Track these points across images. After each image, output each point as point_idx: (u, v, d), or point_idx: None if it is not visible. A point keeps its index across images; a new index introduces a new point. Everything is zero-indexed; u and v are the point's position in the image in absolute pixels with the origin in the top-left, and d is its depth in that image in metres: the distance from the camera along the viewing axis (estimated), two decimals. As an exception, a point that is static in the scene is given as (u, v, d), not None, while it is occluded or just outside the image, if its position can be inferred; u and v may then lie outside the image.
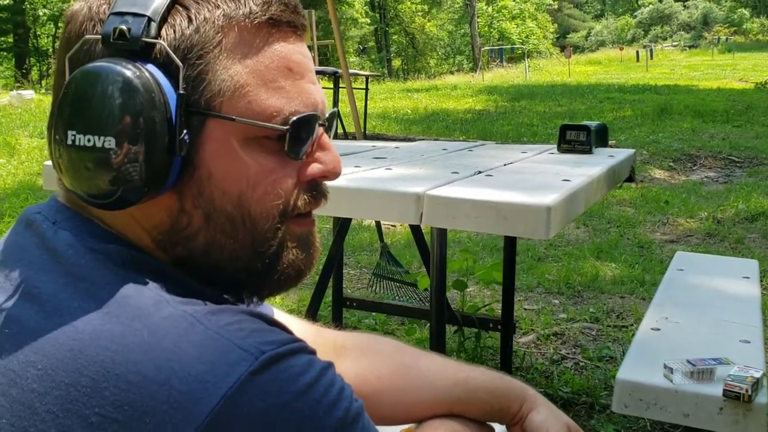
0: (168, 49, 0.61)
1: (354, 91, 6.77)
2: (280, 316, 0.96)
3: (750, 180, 6.92)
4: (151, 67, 0.60)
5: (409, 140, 3.88)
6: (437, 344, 1.90)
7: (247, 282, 0.68)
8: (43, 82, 16.77)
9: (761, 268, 3.37)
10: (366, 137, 7.13)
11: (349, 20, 31.64)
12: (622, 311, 3.47)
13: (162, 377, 0.53)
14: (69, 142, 0.59)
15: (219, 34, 0.62)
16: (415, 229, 3.06)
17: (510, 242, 2.62)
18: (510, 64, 27.54)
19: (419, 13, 37.45)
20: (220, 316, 0.58)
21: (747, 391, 1.51)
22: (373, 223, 4.15)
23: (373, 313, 3.31)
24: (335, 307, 2.94)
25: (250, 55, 0.64)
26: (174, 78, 0.61)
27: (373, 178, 1.91)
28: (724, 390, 1.53)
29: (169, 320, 0.57)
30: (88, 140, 0.59)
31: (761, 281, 2.96)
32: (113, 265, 0.61)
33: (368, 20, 34.86)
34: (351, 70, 8.54)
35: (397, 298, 3.30)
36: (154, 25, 0.61)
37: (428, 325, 2.61)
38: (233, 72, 0.63)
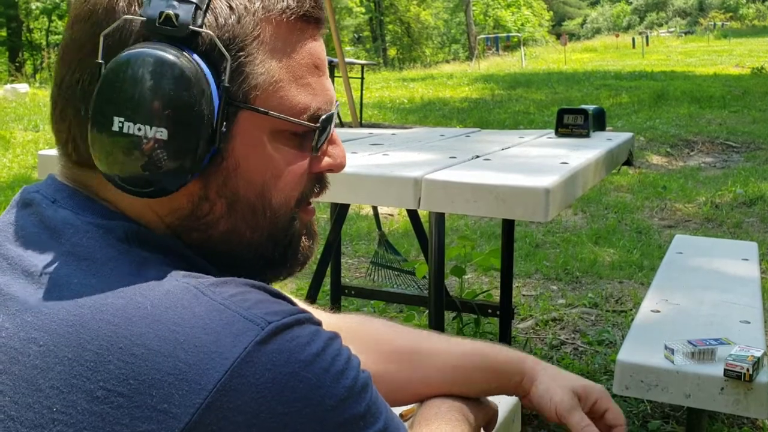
0: (216, 39, 0.60)
1: (350, 80, 6.74)
2: None
3: (747, 165, 6.92)
4: (196, 56, 0.60)
5: (406, 129, 3.88)
6: (436, 330, 1.89)
7: (261, 268, 0.69)
8: (38, 76, 16.68)
9: (761, 251, 3.37)
10: (362, 126, 7.11)
11: (344, 9, 31.52)
12: (621, 296, 3.47)
13: (167, 349, 0.53)
14: (115, 128, 0.58)
15: (258, 27, 0.63)
16: (413, 217, 3.05)
17: (508, 227, 2.61)
18: (506, 53, 27.46)
19: (414, 2, 37.30)
20: (224, 287, 0.58)
21: (748, 370, 1.51)
22: (371, 212, 4.14)
23: (372, 301, 3.31)
24: (333, 295, 2.93)
25: (285, 51, 0.65)
26: (215, 68, 0.61)
27: (370, 164, 1.89)
28: (725, 369, 1.53)
29: (173, 293, 0.56)
30: (138, 129, 0.58)
31: (760, 263, 2.96)
32: (115, 240, 0.60)
33: (363, 9, 34.73)
34: (346, 59, 8.51)
35: (395, 286, 3.30)
36: (200, 13, 0.60)
37: (426, 312, 2.61)
38: (269, 67, 0.63)
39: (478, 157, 2.01)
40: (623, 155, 2.49)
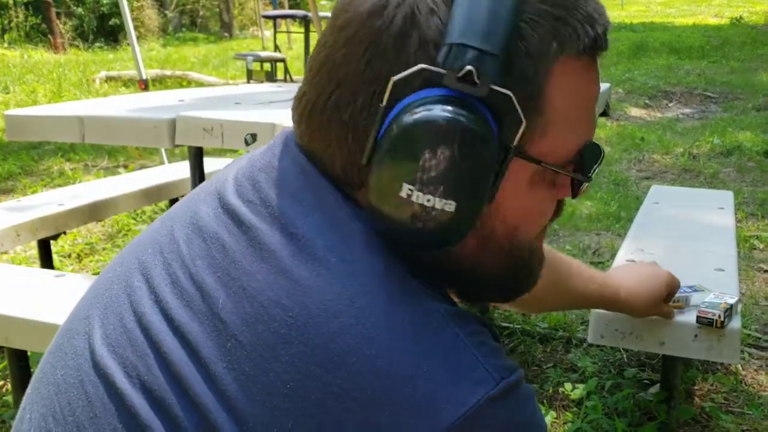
0: (515, 102, 0.55)
1: (326, 34, 6.58)
2: None
3: (725, 115, 6.94)
4: (491, 119, 0.55)
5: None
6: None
7: (492, 293, 0.68)
8: (6, 36, 16.26)
9: (736, 200, 3.39)
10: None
11: (320, -36, 30.87)
12: (599, 248, 3.49)
13: (410, 372, 0.52)
14: (403, 194, 0.55)
15: (547, 75, 0.57)
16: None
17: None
18: (485, 6, 27.15)
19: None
20: (465, 322, 0.56)
21: (720, 317, 1.52)
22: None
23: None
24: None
25: (565, 95, 0.59)
26: (499, 124, 0.56)
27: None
28: (698, 317, 1.53)
29: (427, 314, 0.55)
30: (428, 200, 0.55)
31: (736, 213, 2.98)
32: (367, 237, 0.57)
33: (340, -37, 34.02)
34: (323, 13, 8.34)
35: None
36: (502, 68, 0.54)
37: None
38: (546, 113, 0.59)
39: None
40: (600, 106, 2.47)
